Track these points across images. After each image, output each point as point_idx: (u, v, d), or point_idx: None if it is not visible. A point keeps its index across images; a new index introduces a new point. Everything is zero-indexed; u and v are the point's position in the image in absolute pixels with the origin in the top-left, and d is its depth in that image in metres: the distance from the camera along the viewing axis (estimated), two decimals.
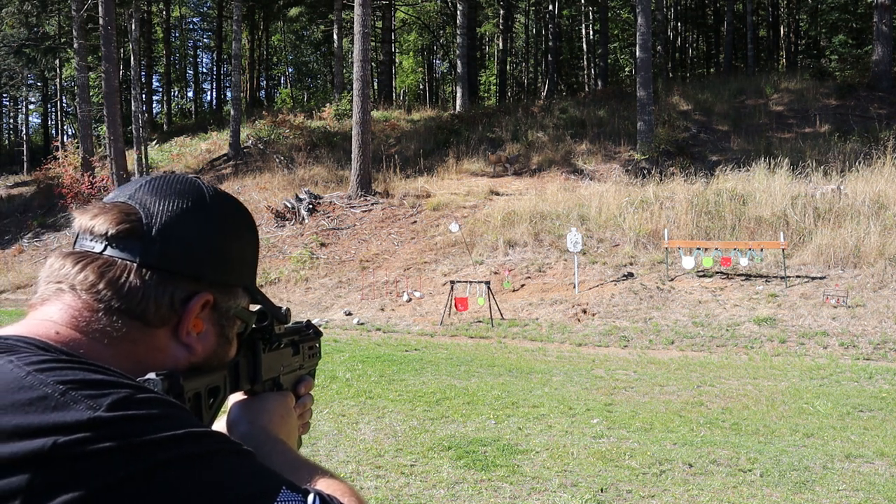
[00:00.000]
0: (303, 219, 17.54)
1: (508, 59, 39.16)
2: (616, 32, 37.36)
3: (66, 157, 24.79)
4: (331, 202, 17.96)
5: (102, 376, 0.65)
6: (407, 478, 4.67)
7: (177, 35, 45.83)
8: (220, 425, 0.91)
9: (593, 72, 35.81)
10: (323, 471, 0.80)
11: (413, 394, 7.07)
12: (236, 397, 0.93)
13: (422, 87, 45.54)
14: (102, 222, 0.75)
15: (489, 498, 4.36)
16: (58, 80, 36.62)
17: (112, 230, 0.75)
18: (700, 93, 22.75)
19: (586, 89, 32.95)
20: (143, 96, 32.47)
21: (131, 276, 0.74)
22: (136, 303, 0.74)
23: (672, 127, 19.57)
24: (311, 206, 17.75)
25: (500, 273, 13.40)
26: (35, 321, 0.73)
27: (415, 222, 16.48)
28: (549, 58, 33.51)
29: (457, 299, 11.82)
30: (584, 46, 36.97)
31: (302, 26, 42.44)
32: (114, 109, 22.06)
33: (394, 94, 35.81)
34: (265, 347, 0.94)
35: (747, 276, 12.10)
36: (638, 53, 19.61)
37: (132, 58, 24.97)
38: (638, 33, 19.53)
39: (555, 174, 18.75)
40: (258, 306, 0.92)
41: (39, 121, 51.11)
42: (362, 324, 12.11)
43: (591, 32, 36.43)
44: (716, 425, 6.08)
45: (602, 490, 4.49)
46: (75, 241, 0.78)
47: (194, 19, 47.63)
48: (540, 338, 10.70)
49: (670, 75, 30.48)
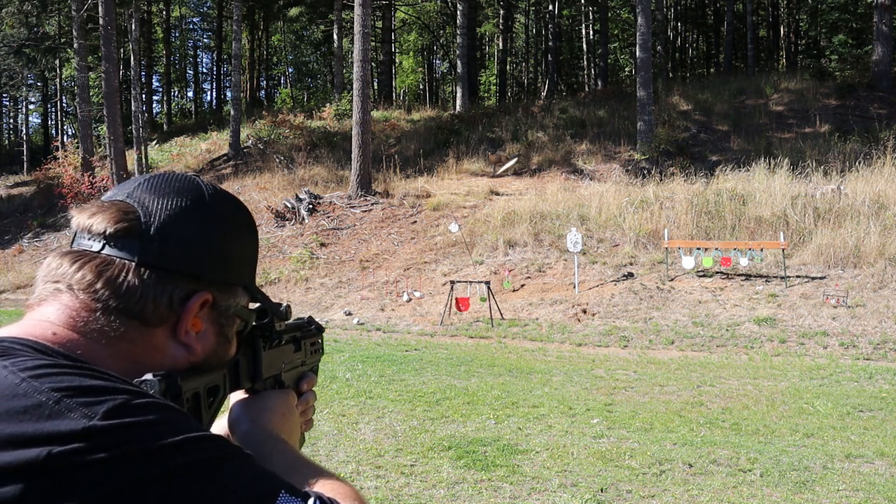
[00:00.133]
0: (303, 219, 17.54)
1: (508, 59, 39.15)
2: (616, 32, 37.36)
3: (66, 157, 24.79)
4: (331, 202, 17.96)
5: (99, 382, 0.64)
6: (407, 478, 4.67)
7: (177, 35, 45.84)
8: (221, 424, 0.90)
9: (593, 72, 35.81)
10: (324, 472, 0.80)
11: (413, 394, 7.07)
12: (237, 395, 0.92)
13: (422, 87, 45.53)
14: (100, 221, 0.74)
15: (489, 498, 4.36)
16: (58, 80, 36.62)
17: (110, 229, 0.74)
18: (700, 93, 22.74)
19: (586, 89, 32.94)
20: (143, 96, 32.48)
21: (129, 275, 0.73)
22: (134, 302, 0.73)
23: (672, 127, 19.56)
24: (311, 206, 17.75)
25: (500, 273, 13.40)
26: (32, 322, 0.73)
27: (415, 222, 16.48)
28: (549, 58, 33.50)
29: (458, 299, 11.82)
30: (584, 46, 36.97)
31: (302, 26, 42.44)
32: (114, 109, 22.07)
33: (394, 94, 35.81)
34: (266, 345, 0.93)
35: (747, 276, 12.10)
36: (638, 53, 19.61)
37: (132, 58, 24.97)
38: (638, 33, 19.53)
39: (555, 174, 18.75)
40: (258, 304, 0.91)
41: (39, 121, 51.18)
42: (362, 324, 12.11)
43: (591, 32, 36.43)
44: (716, 425, 6.08)
45: (602, 490, 4.49)
46: (73, 240, 0.77)
47: (194, 19, 47.67)
48: (540, 338, 10.69)
49: (670, 75, 30.47)
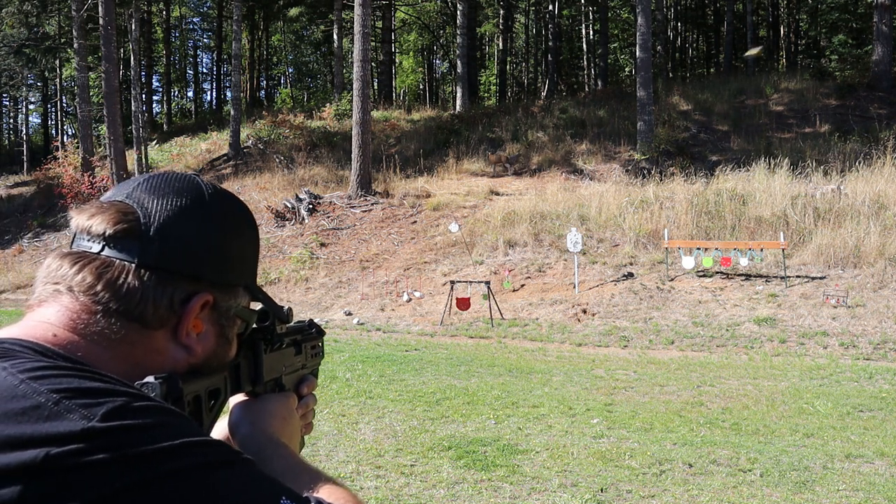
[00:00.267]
0: (303, 219, 17.54)
1: (508, 59, 39.15)
2: (616, 32, 37.35)
3: (66, 157, 24.79)
4: (331, 202, 17.96)
5: (98, 384, 0.64)
6: (407, 478, 4.67)
7: (177, 35, 45.83)
8: (220, 427, 0.90)
9: (593, 72, 35.81)
10: (325, 477, 0.79)
11: (413, 394, 7.07)
12: (238, 398, 0.91)
13: (422, 87, 45.52)
14: (100, 222, 0.74)
15: (489, 498, 4.36)
16: (58, 80, 36.61)
17: (110, 230, 0.73)
18: (700, 93, 22.74)
19: (586, 89, 32.94)
20: (143, 96, 32.48)
21: (129, 276, 0.73)
22: (134, 304, 0.72)
23: (672, 127, 19.56)
24: (311, 206, 17.75)
25: (500, 273, 13.40)
26: (32, 323, 0.72)
27: (415, 222, 16.48)
28: (549, 58, 33.50)
29: (458, 299, 11.82)
30: (584, 46, 36.96)
31: (302, 26, 42.44)
32: (114, 109, 22.07)
33: (394, 94, 35.81)
34: (267, 348, 0.92)
35: (747, 276, 12.10)
36: (638, 53, 19.61)
37: (132, 58, 24.97)
38: (638, 33, 19.53)
39: (555, 174, 18.75)
40: (259, 306, 0.91)
41: (39, 121, 51.17)
42: (362, 324, 12.10)
43: (591, 32, 36.42)
44: (716, 425, 6.08)
45: (602, 490, 4.49)
46: (73, 241, 0.77)
47: (194, 19, 47.66)
48: (540, 338, 10.69)
49: (670, 75, 30.47)
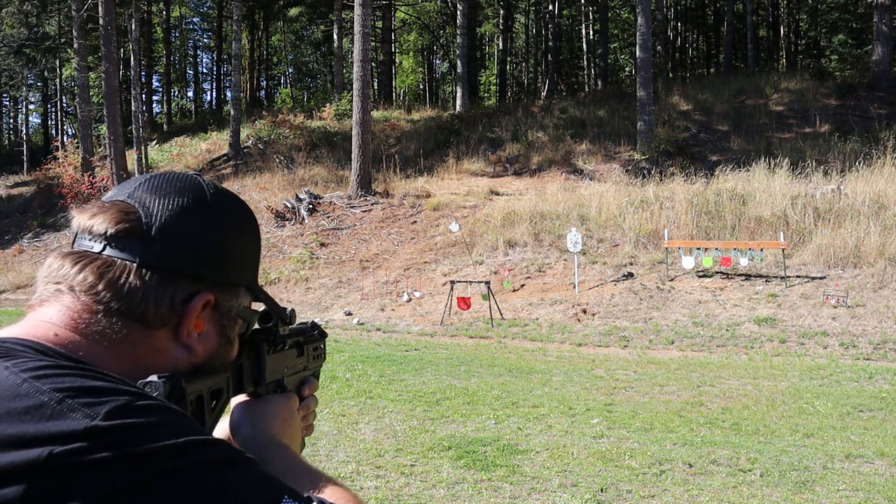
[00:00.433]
0: (303, 219, 17.54)
1: (508, 59, 39.15)
2: (616, 32, 37.35)
3: (66, 157, 24.79)
4: (331, 202, 17.96)
5: (100, 383, 0.64)
6: (407, 478, 4.67)
7: (177, 35, 45.83)
8: (222, 427, 0.90)
9: (593, 72, 35.81)
10: (326, 477, 0.79)
11: (413, 394, 7.07)
12: (239, 399, 0.91)
13: (422, 87, 45.52)
14: (101, 221, 0.74)
15: (489, 498, 4.36)
16: (58, 80, 36.63)
17: (111, 230, 0.73)
18: (700, 93, 22.74)
19: (586, 89, 32.94)
20: (143, 96, 32.47)
21: (131, 276, 0.72)
22: (135, 304, 0.72)
23: (672, 127, 19.56)
24: (311, 206, 17.75)
25: (500, 273, 13.40)
26: (34, 322, 0.72)
27: (415, 222, 16.48)
28: (549, 58, 33.50)
29: (459, 298, 11.82)
30: (584, 46, 36.96)
31: (302, 26, 42.45)
32: (114, 109, 22.07)
33: (394, 94, 35.81)
34: (269, 349, 0.92)
35: (747, 276, 12.10)
36: (638, 53, 19.61)
37: (132, 58, 24.98)
38: (638, 33, 19.53)
39: (555, 174, 18.75)
40: (261, 306, 0.91)
41: (39, 121, 51.17)
42: (362, 324, 12.11)
43: (591, 32, 36.42)
44: (716, 425, 6.08)
45: (602, 490, 4.49)
46: (74, 241, 0.77)
47: (194, 19, 47.66)
48: (540, 338, 10.70)
49: (670, 75, 30.47)
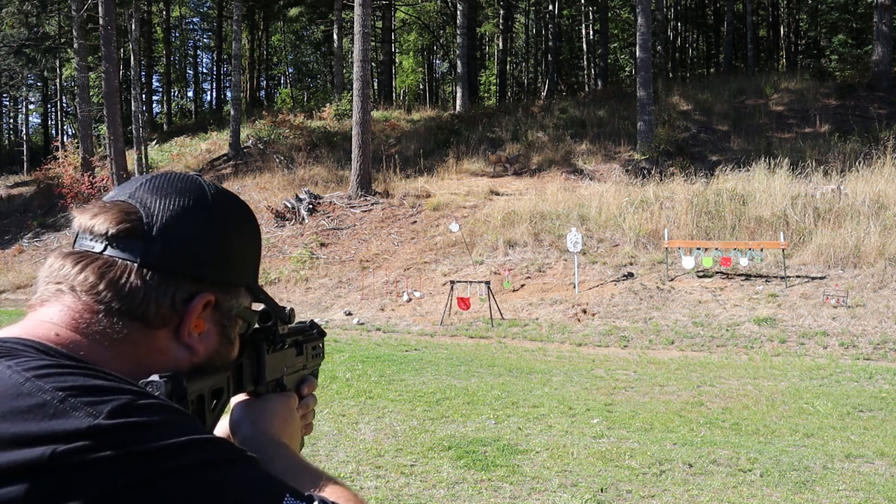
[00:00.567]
0: (303, 219, 17.54)
1: (508, 59, 39.15)
2: (616, 32, 37.35)
3: (66, 157, 24.79)
4: (331, 202, 17.96)
5: (102, 382, 0.64)
6: (407, 478, 4.67)
7: (177, 35, 45.83)
8: (222, 426, 0.90)
9: (593, 72, 35.81)
10: (326, 476, 0.80)
11: (413, 394, 7.07)
12: (239, 397, 0.92)
13: (422, 87, 45.52)
14: (102, 222, 0.74)
15: (489, 498, 4.36)
16: (58, 80, 36.63)
17: (112, 230, 0.73)
18: (700, 93, 22.74)
19: (586, 89, 32.95)
20: (143, 96, 32.47)
21: (132, 276, 0.73)
22: (136, 304, 0.73)
23: (672, 127, 19.56)
24: (311, 206, 17.75)
25: (500, 273, 13.40)
26: (35, 322, 0.72)
27: (415, 222, 16.48)
28: (549, 58, 33.50)
29: (459, 298, 11.82)
30: (584, 46, 36.96)
31: (302, 26, 42.45)
32: (114, 109, 22.07)
33: (394, 94, 35.81)
34: (269, 348, 0.93)
35: (747, 276, 12.10)
36: (638, 53, 19.61)
37: (132, 58, 24.98)
38: (638, 33, 19.53)
39: (555, 174, 18.75)
40: (261, 306, 0.91)
41: (39, 121, 51.18)
42: (362, 324, 12.11)
43: (591, 32, 36.43)
44: (716, 425, 6.08)
45: (602, 490, 4.49)
46: (75, 241, 0.77)
47: (194, 19, 47.66)
48: (540, 338, 10.69)
49: (670, 75, 30.47)
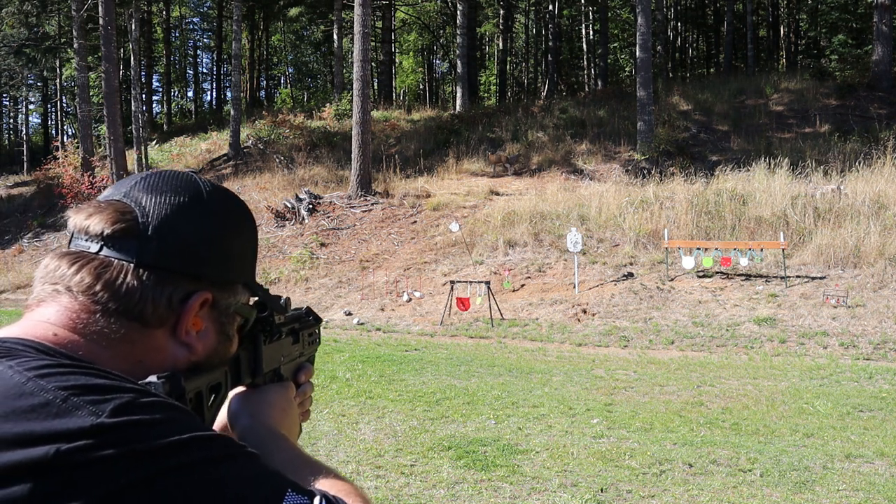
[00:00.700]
0: (303, 219, 17.54)
1: (508, 59, 39.15)
2: (616, 32, 37.35)
3: (66, 157, 24.77)
4: (331, 202, 17.96)
5: (104, 381, 0.64)
6: (407, 478, 4.67)
7: (177, 35, 45.84)
8: (220, 417, 0.90)
9: (593, 72, 35.81)
10: (326, 469, 0.80)
11: (413, 394, 7.07)
12: (237, 389, 0.92)
13: (422, 87, 45.52)
14: (97, 222, 0.74)
15: (489, 498, 4.36)
16: (58, 80, 36.62)
17: (107, 230, 0.73)
18: (700, 93, 22.74)
19: (586, 89, 32.94)
20: (143, 96, 32.48)
21: (128, 276, 0.73)
22: (133, 304, 0.73)
23: (672, 127, 19.56)
24: (311, 206, 17.75)
25: (500, 273, 13.40)
26: (32, 322, 0.72)
27: (415, 222, 16.48)
28: (549, 58, 33.50)
29: (458, 299, 11.82)
30: (584, 46, 36.96)
31: (302, 26, 42.45)
32: (114, 109, 22.07)
33: (394, 94, 35.81)
34: (266, 339, 0.92)
35: (747, 276, 12.09)
36: (638, 53, 19.61)
37: (132, 58, 24.98)
38: (638, 33, 19.53)
39: (555, 174, 18.74)
40: (256, 299, 0.90)
41: (39, 121, 51.19)
42: (362, 324, 12.10)
43: (591, 32, 36.43)
44: (716, 425, 6.08)
45: (602, 490, 4.49)
46: (70, 241, 0.77)
47: (194, 19, 47.67)
48: (540, 338, 10.69)
49: (670, 75, 30.47)
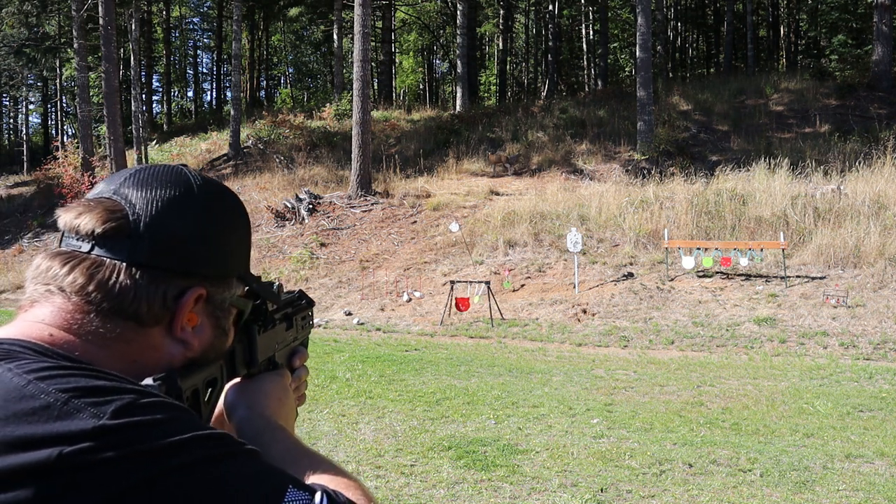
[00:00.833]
0: (303, 219, 17.53)
1: (508, 59, 39.15)
2: (616, 32, 37.35)
3: (66, 157, 24.75)
4: (331, 202, 17.96)
5: (104, 382, 0.64)
6: (407, 478, 4.67)
7: (177, 35, 45.83)
8: (216, 409, 0.89)
9: (593, 72, 35.81)
10: (324, 460, 0.80)
11: (413, 394, 7.07)
12: (233, 381, 0.91)
13: (422, 87, 45.53)
14: (88, 221, 0.73)
15: (489, 498, 4.36)
16: (58, 80, 36.62)
17: (98, 229, 0.72)
18: (700, 93, 22.73)
19: (586, 89, 32.94)
20: (143, 96, 32.49)
21: (121, 276, 0.72)
22: (127, 303, 0.72)
23: (672, 127, 19.56)
24: (311, 206, 17.74)
25: (500, 273, 13.40)
26: (27, 323, 0.72)
27: (415, 222, 16.47)
28: (549, 58, 33.50)
29: (458, 299, 11.81)
30: (584, 46, 36.96)
31: (302, 26, 42.46)
32: (114, 109, 22.07)
33: (394, 94, 35.81)
34: (260, 329, 0.91)
35: (747, 276, 12.09)
36: (638, 53, 19.61)
37: (132, 58, 25.00)
38: (638, 33, 19.53)
39: (555, 174, 18.74)
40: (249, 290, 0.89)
41: (39, 121, 51.19)
42: (362, 324, 12.10)
43: (591, 32, 36.42)
44: (716, 425, 6.07)
45: (602, 490, 4.49)
46: (61, 240, 0.76)
47: (194, 19, 47.67)
48: (540, 338, 10.69)
49: (670, 75, 30.47)
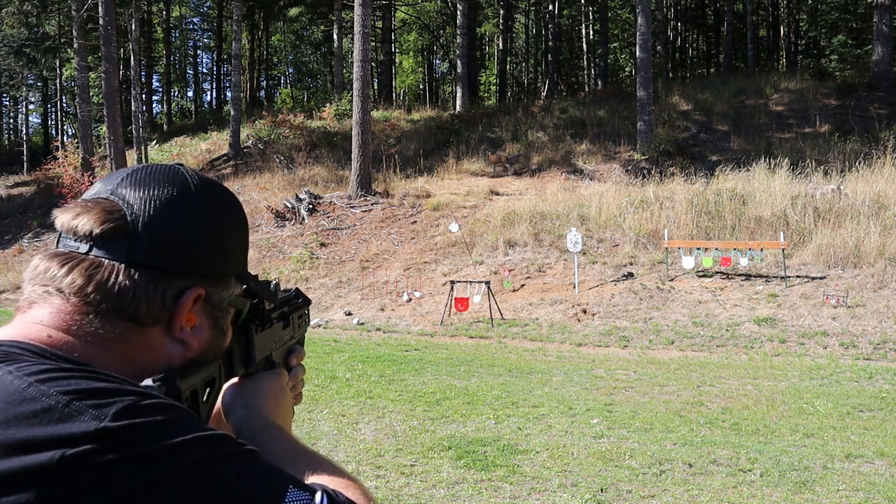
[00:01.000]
0: (303, 219, 17.53)
1: (508, 59, 39.15)
2: (616, 32, 37.35)
3: (66, 157, 24.75)
4: (331, 202, 17.96)
5: (105, 384, 0.64)
6: (407, 478, 4.67)
7: (177, 35, 45.83)
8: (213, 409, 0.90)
9: (593, 72, 35.81)
10: (322, 459, 0.80)
11: (413, 394, 7.07)
12: (230, 380, 0.91)
13: (422, 87, 45.53)
14: (85, 222, 0.73)
15: (489, 498, 4.36)
16: (58, 80, 36.62)
17: (96, 230, 0.72)
18: (700, 93, 22.73)
19: (586, 89, 32.94)
20: (143, 96, 32.49)
21: (120, 276, 0.72)
22: (126, 304, 0.72)
23: (672, 127, 19.56)
24: (311, 206, 17.74)
25: (500, 273, 13.39)
26: (26, 325, 0.72)
27: (415, 222, 16.47)
28: (549, 58, 33.51)
29: (457, 299, 11.81)
30: (584, 46, 36.96)
31: (302, 26, 42.45)
32: (114, 109, 22.08)
33: (394, 94, 35.81)
34: (257, 328, 0.91)
35: (747, 276, 12.09)
36: (638, 53, 19.61)
37: (132, 58, 25.01)
38: (638, 33, 19.53)
39: (555, 174, 18.74)
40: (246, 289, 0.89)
41: (39, 121, 51.19)
42: (362, 324, 12.10)
43: (591, 32, 36.43)
44: (716, 425, 6.07)
45: (602, 490, 4.49)
46: (58, 241, 0.76)
47: (194, 19, 47.68)
48: (540, 338, 10.69)
49: (670, 75, 30.48)
